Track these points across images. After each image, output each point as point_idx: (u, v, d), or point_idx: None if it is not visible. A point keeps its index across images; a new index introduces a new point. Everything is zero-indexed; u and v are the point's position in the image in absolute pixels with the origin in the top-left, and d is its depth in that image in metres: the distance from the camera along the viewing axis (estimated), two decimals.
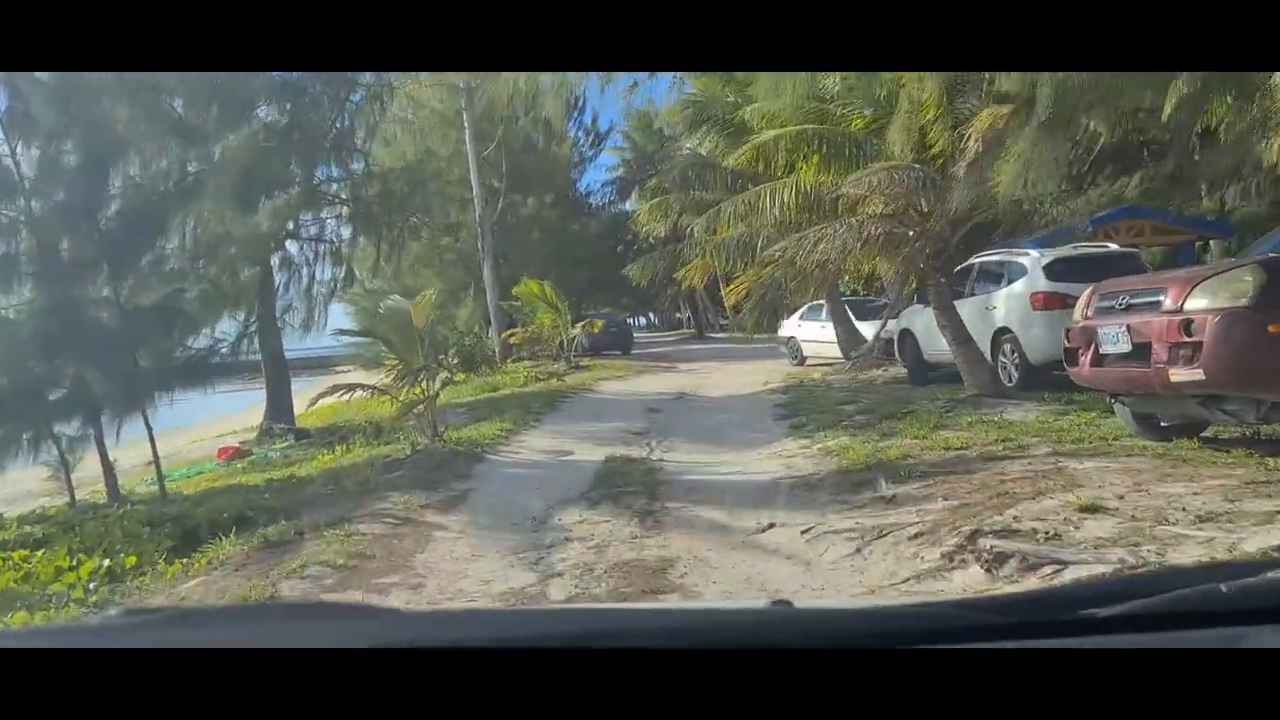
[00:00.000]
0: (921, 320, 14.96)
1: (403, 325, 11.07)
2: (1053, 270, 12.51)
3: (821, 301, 20.44)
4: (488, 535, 7.11)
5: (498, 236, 32.87)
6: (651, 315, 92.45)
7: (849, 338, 19.43)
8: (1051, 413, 9.64)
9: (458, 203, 32.52)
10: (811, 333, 21.95)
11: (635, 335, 40.23)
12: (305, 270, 17.88)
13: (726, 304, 25.61)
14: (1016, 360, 12.61)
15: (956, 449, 8.10)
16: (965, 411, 10.24)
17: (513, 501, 8.10)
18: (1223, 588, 1.19)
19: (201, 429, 22.68)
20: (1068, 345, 7.72)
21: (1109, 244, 14.35)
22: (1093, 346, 7.27)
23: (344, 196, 18.73)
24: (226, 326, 14.32)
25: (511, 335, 27.58)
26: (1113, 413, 9.21)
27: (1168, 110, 11.36)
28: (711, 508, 7.28)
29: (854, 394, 14.30)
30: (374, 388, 11.38)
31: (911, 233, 11.03)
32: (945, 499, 6.23)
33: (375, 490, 8.76)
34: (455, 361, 26.93)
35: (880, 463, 7.87)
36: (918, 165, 9.93)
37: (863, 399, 13.31)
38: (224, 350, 10.88)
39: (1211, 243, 25.92)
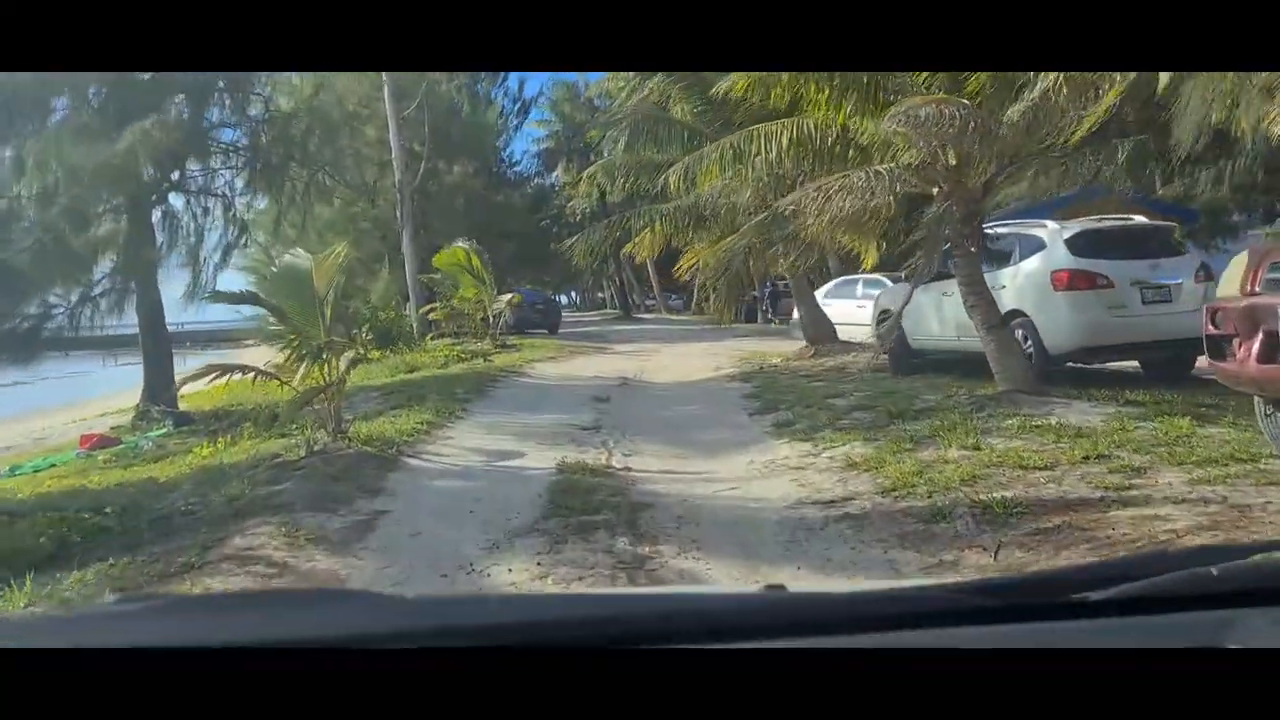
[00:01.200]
0: (904, 301, 12.94)
1: (301, 290, 8.62)
2: (1077, 245, 10.55)
3: (857, 276, 18.10)
4: (405, 595, 4.86)
5: (419, 204, 30.22)
6: (574, 294, 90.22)
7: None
8: (1119, 416, 7.61)
9: (376, 165, 29.78)
10: (845, 312, 18.75)
11: (561, 313, 37.81)
12: (192, 228, 15.16)
13: (680, 280, 23.44)
14: (1030, 349, 10.65)
15: (1038, 468, 6.00)
16: (1004, 412, 8.17)
17: (440, 535, 5.80)
18: (1213, 571, 1.18)
19: (98, 405, 19.91)
20: (1214, 332, 5.65)
21: (1134, 216, 12.40)
22: (1259, 334, 5.20)
23: (241, 145, 16.05)
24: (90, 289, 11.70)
25: (432, 310, 25.04)
26: (1207, 421, 7.22)
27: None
28: (726, 556, 5.08)
29: (833, 384, 12.24)
30: (258, 370, 8.87)
31: (937, 189, 8.90)
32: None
33: (250, 510, 6.36)
34: (369, 338, 24.42)
35: (944, 488, 5.73)
36: (966, 103, 7.82)
37: (849, 391, 11.23)
38: (61, 317, 8.29)
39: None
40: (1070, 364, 10.80)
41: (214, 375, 8.72)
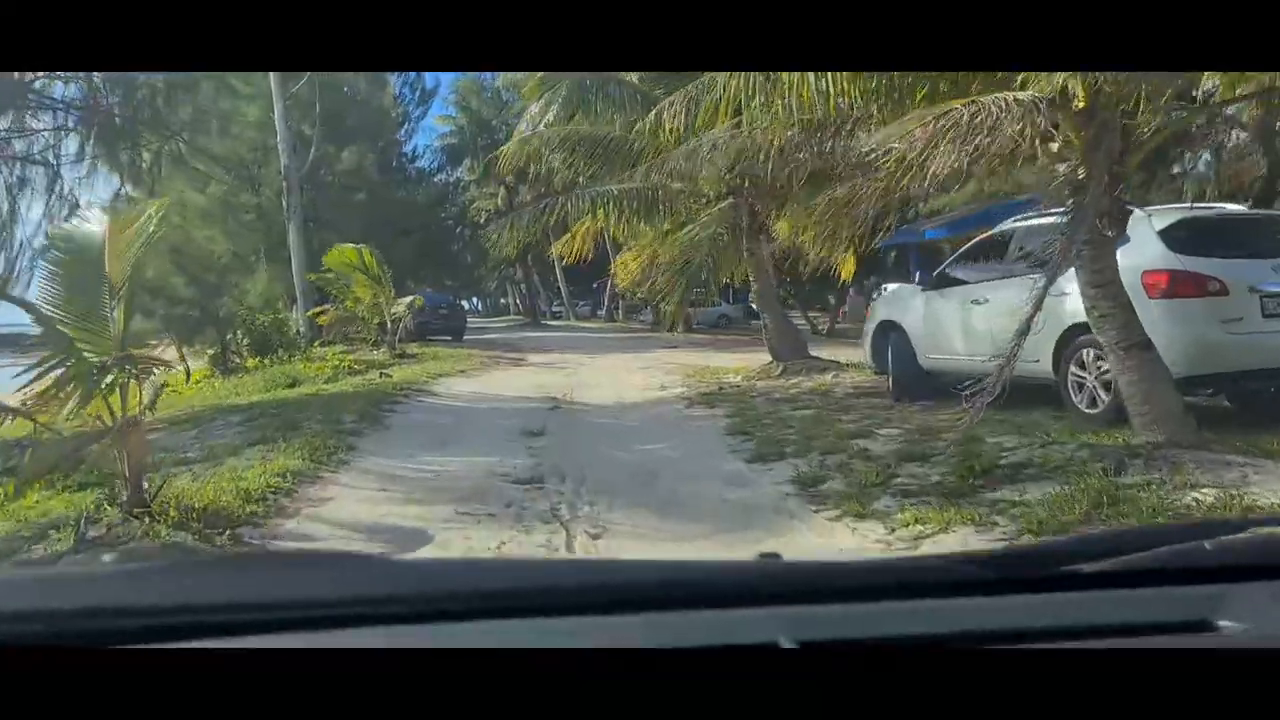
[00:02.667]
0: (916, 308, 10.16)
1: (81, 274, 5.30)
2: (1176, 237, 7.84)
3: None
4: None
5: (308, 194, 26.58)
6: (477, 300, 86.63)
7: None
8: None
9: (259, 150, 26.07)
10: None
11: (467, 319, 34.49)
12: (4, 202, 11.60)
13: (619, 283, 20.37)
14: (1106, 377, 7.95)
15: None
16: (1171, 480, 5.32)
17: None
18: (1206, 544, 1.18)
19: None
20: None
21: (1227, 205, 9.78)
22: None
23: (74, 102, 12.53)
24: None
25: (320, 314, 21.54)
26: None
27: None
28: None
29: (833, 413, 9.40)
30: None
31: (1067, 140, 5.94)
32: None
33: None
34: (245, 344, 20.84)
35: None
36: None
37: (872, 427, 8.41)
38: None
39: None
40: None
41: None
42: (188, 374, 19.36)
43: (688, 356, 19.71)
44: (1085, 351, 8.06)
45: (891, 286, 20.17)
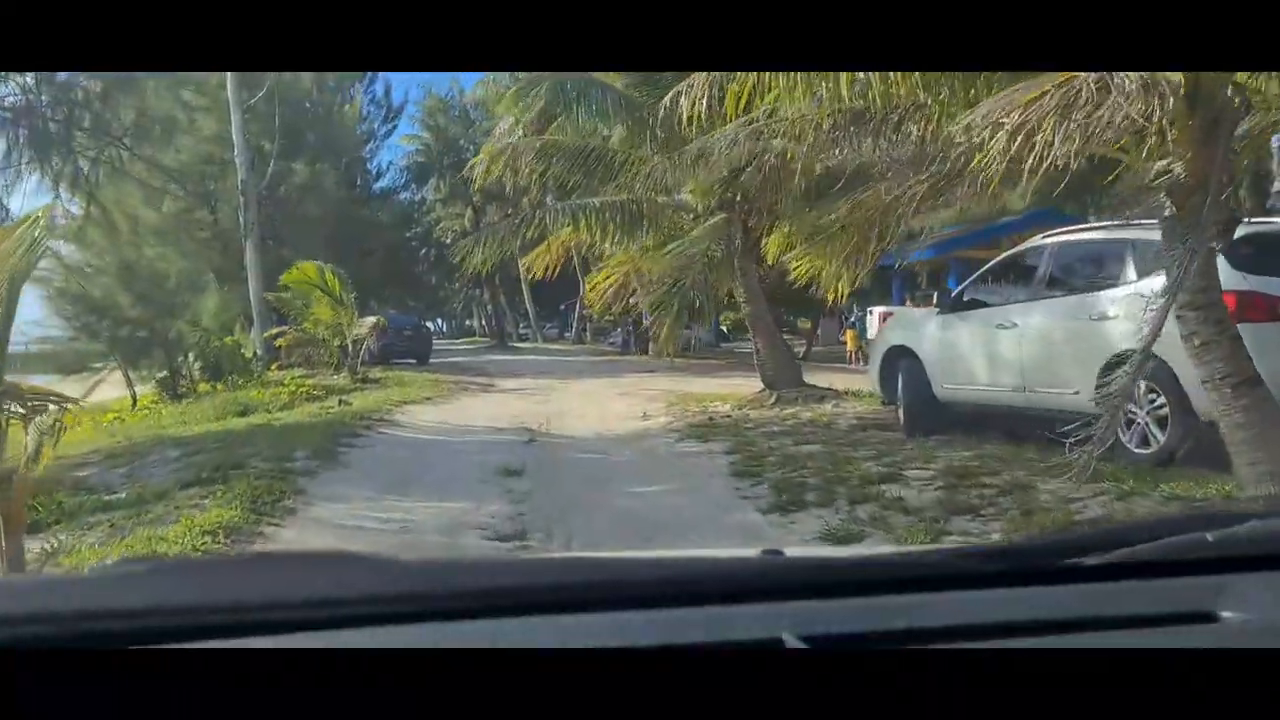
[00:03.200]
0: (931, 333, 9.19)
1: None
2: (1245, 255, 6.90)
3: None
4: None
5: (267, 210, 25.34)
6: (442, 321, 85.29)
7: None
8: None
9: (216, 164, 24.81)
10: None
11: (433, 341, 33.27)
12: None
13: (591, 301, 19.27)
14: (1163, 411, 7.01)
15: None
16: None
17: None
18: (1209, 536, 1.16)
19: None
20: None
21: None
22: None
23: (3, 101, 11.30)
24: None
25: (279, 336, 20.30)
26: None
27: None
28: None
29: (847, 448, 8.36)
30: None
31: (1162, 136, 4.90)
32: None
33: None
34: (197, 367, 19.51)
35: None
36: None
37: (897, 465, 7.42)
38: None
39: None
40: None
41: None
42: (133, 399, 18.00)
43: (665, 382, 18.64)
44: (1137, 383, 7.11)
45: (879, 310, 19.32)
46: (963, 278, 22.07)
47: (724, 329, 45.65)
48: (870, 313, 18.73)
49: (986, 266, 9.14)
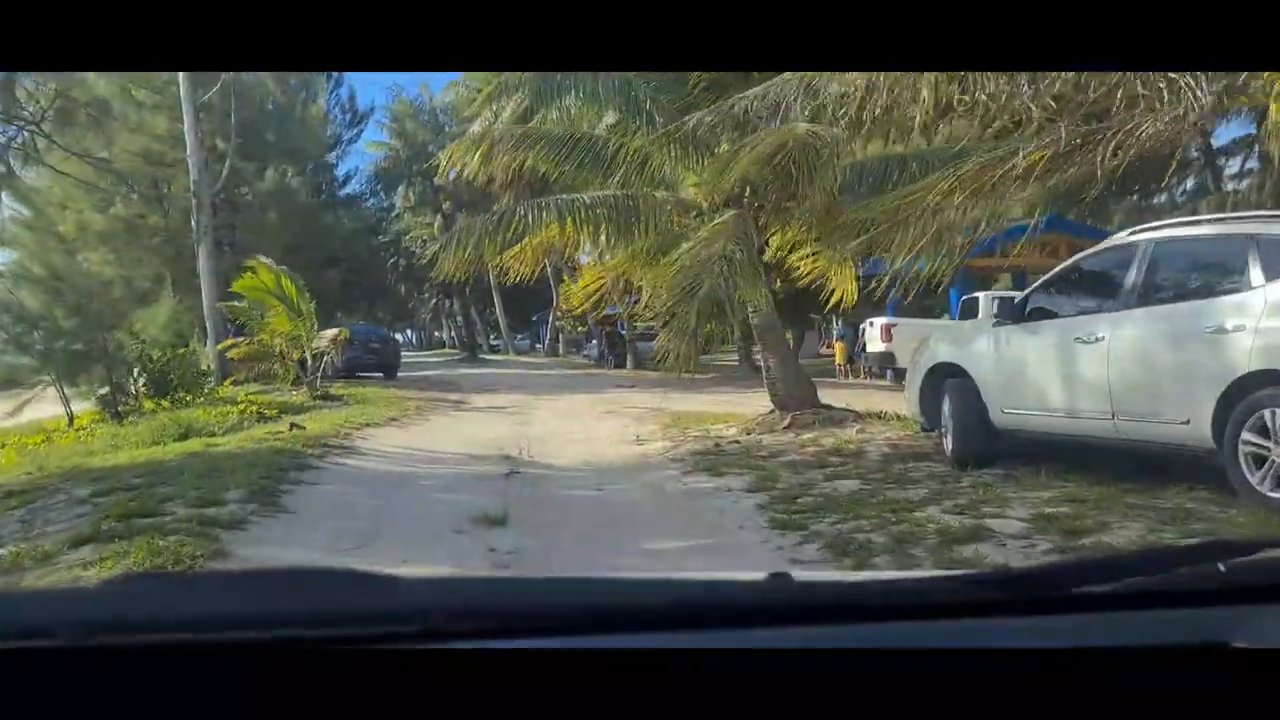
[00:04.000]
0: (986, 348, 7.74)
1: None
2: None
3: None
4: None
5: (223, 215, 23.66)
6: (411, 333, 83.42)
7: None
8: None
9: (168, 166, 23.06)
10: None
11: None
12: None
13: (568, 309, 17.80)
14: None
15: None
16: None
17: None
18: (1220, 567, 1.13)
19: None
20: None
21: None
22: None
23: None
24: None
25: (232, 348, 18.60)
26: None
27: None
28: None
29: (895, 487, 6.88)
30: None
31: None
32: None
33: None
34: (141, 383, 17.76)
35: None
36: None
37: (967, 511, 5.90)
38: None
39: None
40: None
41: None
42: (70, 418, 16.22)
43: (650, 398, 17.14)
44: (1269, 413, 5.68)
45: (881, 321, 17.94)
46: (965, 287, 20.89)
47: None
48: (870, 324, 17.34)
49: (1056, 270, 7.69)
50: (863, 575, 2.03)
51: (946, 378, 8.00)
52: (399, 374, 25.20)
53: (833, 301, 11.60)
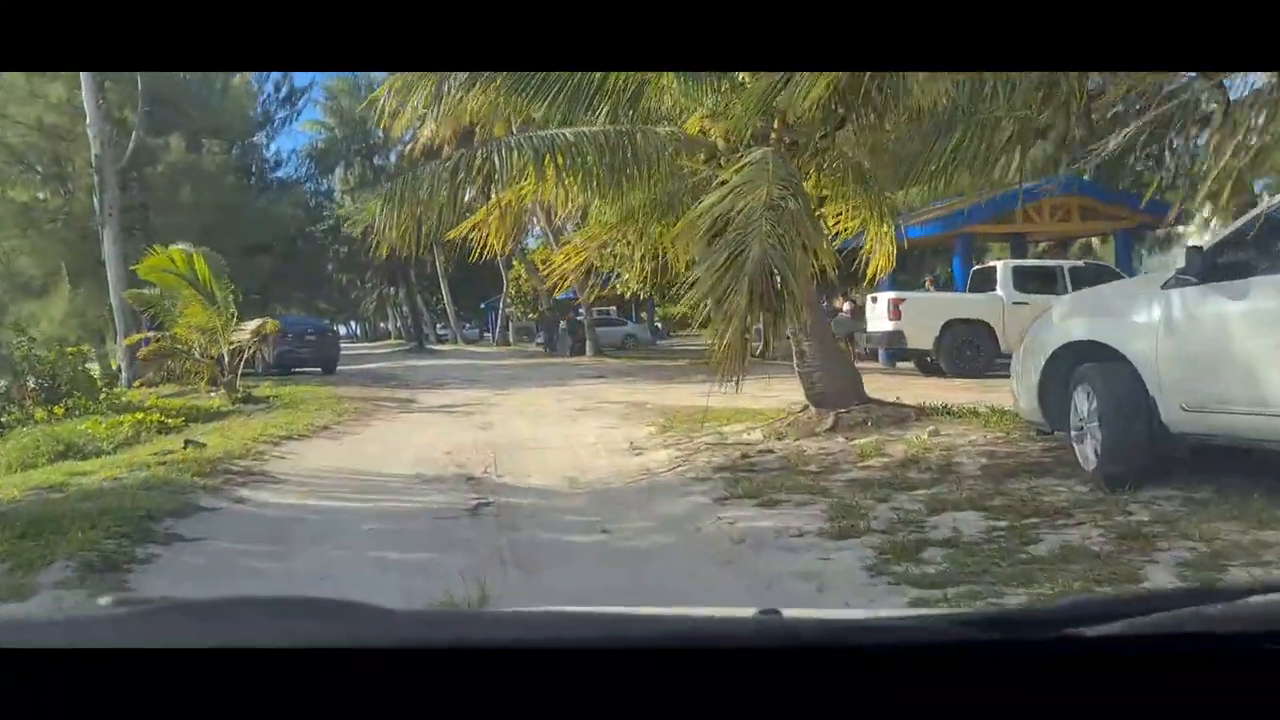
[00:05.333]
0: (1151, 321, 5.40)
1: None
2: None
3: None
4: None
5: (134, 195, 20.72)
6: (355, 324, 80.00)
7: None
8: None
9: (67, 140, 20.05)
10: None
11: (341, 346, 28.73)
12: None
13: (519, 288, 15.14)
14: None
15: None
16: None
17: None
18: (1215, 609, 1.10)
19: None
20: None
21: None
22: None
23: None
24: None
25: (141, 344, 15.80)
26: None
27: None
28: None
29: (1045, 525, 4.56)
30: None
31: None
32: None
33: None
34: (31, 388, 14.92)
35: None
36: None
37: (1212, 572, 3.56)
38: None
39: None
40: None
41: None
42: None
43: (627, 391, 14.74)
44: None
45: (888, 295, 15.68)
46: (970, 257, 18.73)
47: (658, 325, 41.84)
48: (874, 299, 15.06)
49: (1258, 211, 5.33)
50: (850, 613, 1.92)
51: (1080, 363, 5.69)
52: (339, 368, 22.49)
53: (871, 270, 9.29)
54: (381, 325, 70.56)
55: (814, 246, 6.31)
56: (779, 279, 5.88)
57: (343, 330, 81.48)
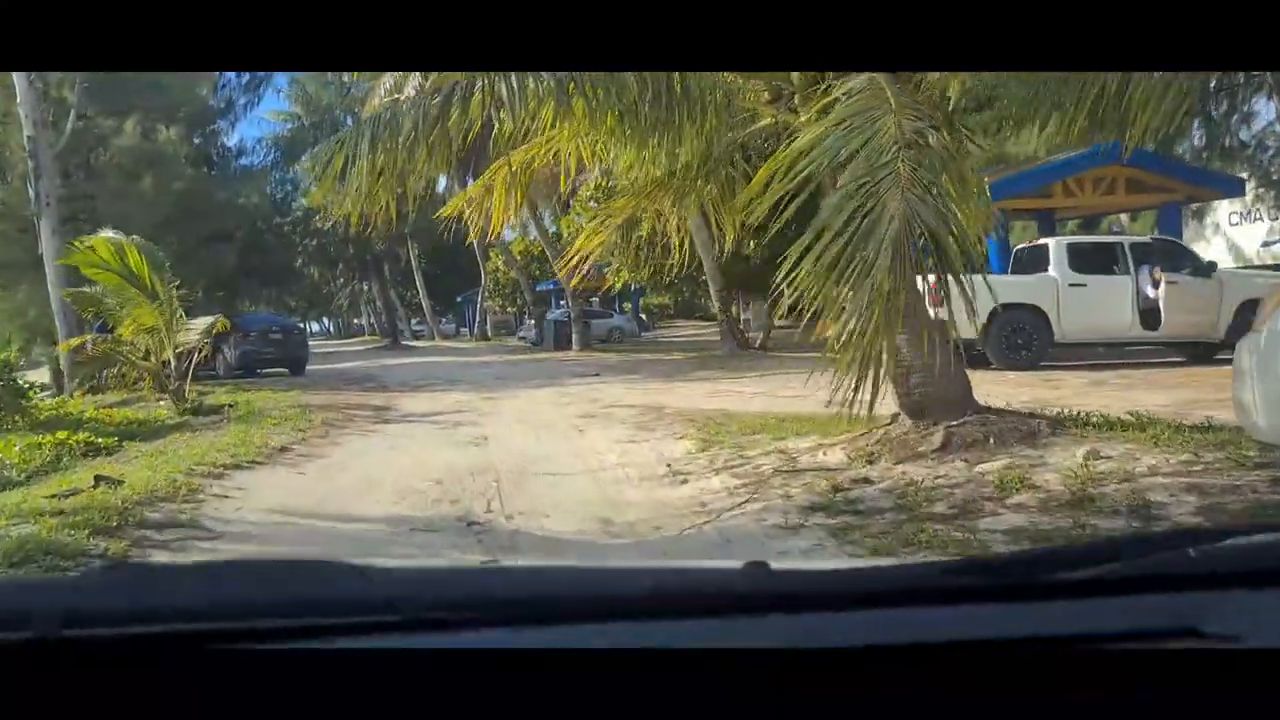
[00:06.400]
0: None
1: None
2: None
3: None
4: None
5: (77, 179, 18.59)
6: (327, 321, 77.57)
7: None
8: None
9: None
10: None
11: (311, 344, 26.64)
12: None
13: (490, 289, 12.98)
14: None
15: None
16: None
17: None
18: (1190, 552, 1.12)
19: None
20: None
21: None
22: None
23: None
24: None
25: (83, 347, 13.72)
26: None
27: None
28: None
29: None
30: None
31: None
32: None
33: None
34: None
35: None
36: None
37: None
38: None
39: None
40: None
41: None
42: None
43: (632, 391, 12.87)
44: None
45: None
46: (1007, 236, 16.98)
47: (642, 316, 39.89)
48: None
49: None
50: (839, 565, 1.87)
51: None
52: (309, 368, 20.45)
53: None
54: (355, 321, 68.24)
55: (966, 200, 4.46)
56: (931, 244, 4.04)
57: (315, 327, 78.94)
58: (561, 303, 34.17)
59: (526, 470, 7.05)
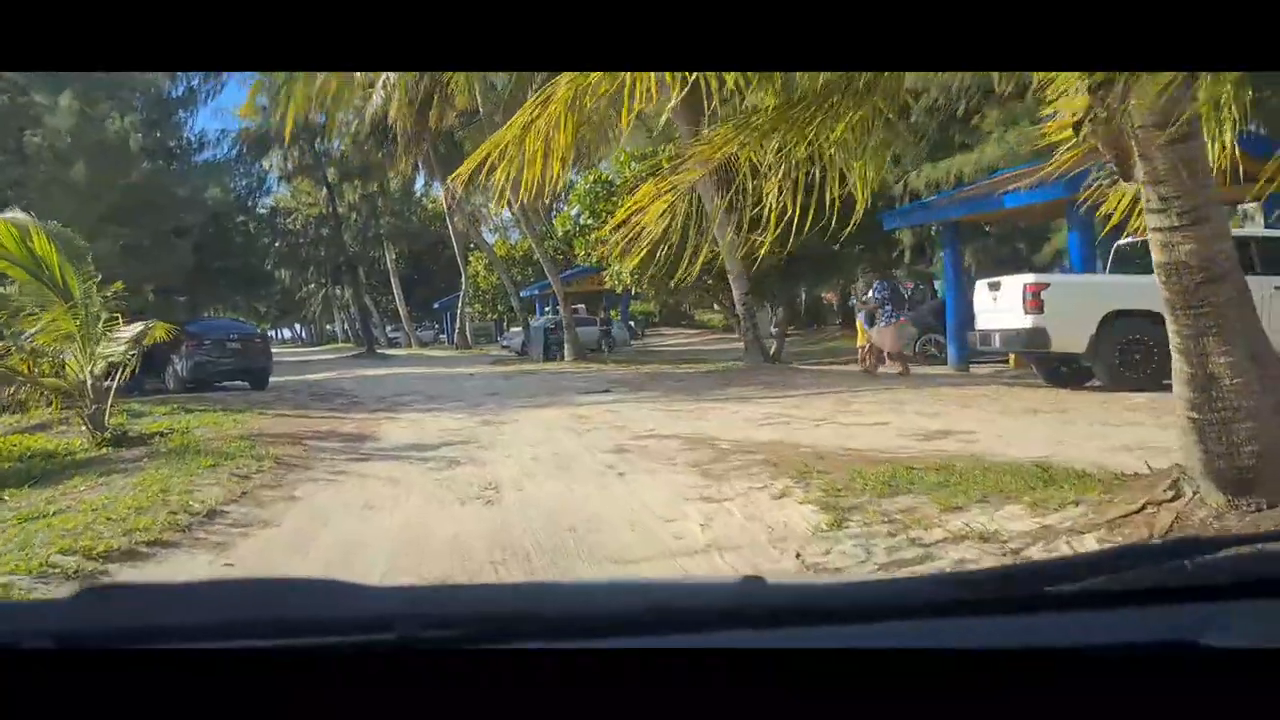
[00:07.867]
0: None
1: None
2: None
3: None
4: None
5: (5, 166, 15.99)
6: (300, 328, 74.64)
7: None
8: None
9: None
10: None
11: (278, 353, 24.04)
12: None
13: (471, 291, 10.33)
14: None
15: None
16: None
17: None
18: (1187, 564, 1.08)
19: None
20: None
21: None
22: None
23: None
24: None
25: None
26: None
27: None
28: None
29: None
30: None
31: None
32: None
33: None
34: None
35: None
36: None
37: None
38: None
39: None
40: None
41: None
42: None
43: (660, 413, 10.50)
44: None
45: (1016, 280, 11.51)
46: (960, 248, 14.62)
47: (630, 324, 37.44)
48: (991, 285, 10.97)
49: None
50: (835, 578, 1.83)
51: None
52: (273, 379, 17.91)
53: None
54: (328, 328, 65.39)
55: None
56: None
57: (287, 334, 75.78)
58: (545, 309, 31.73)
59: (568, 550, 4.67)
